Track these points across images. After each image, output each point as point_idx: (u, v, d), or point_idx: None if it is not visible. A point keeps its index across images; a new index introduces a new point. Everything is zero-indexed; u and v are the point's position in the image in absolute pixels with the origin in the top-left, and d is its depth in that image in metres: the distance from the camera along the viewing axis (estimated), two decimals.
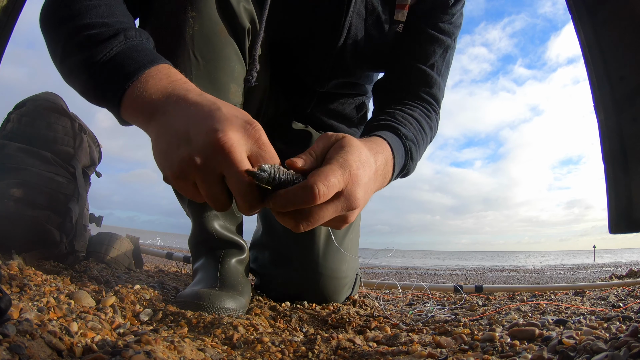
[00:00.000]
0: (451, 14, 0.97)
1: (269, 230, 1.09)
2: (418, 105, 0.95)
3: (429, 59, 0.97)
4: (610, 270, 5.58)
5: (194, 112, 0.50)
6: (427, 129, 0.93)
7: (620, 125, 0.60)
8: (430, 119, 0.95)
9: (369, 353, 0.63)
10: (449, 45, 0.99)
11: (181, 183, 0.50)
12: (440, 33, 0.97)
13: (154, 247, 2.22)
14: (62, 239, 1.21)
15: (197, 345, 0.61)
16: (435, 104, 0.99)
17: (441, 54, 0.98)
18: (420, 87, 0.98)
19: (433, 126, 0.97)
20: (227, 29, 0.80)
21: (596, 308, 1.08)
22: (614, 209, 0.60)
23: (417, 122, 0.90)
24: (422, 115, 0.93)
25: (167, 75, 0.56)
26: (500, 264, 12.02)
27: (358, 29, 0.97)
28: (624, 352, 0.49)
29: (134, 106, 0.55)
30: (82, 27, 0.60)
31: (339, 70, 1.05)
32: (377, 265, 5.08)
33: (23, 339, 0.45)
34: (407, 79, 0.98)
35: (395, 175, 0.76)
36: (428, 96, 0.98)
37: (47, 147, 1.26)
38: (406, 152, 0.80)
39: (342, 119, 1.19)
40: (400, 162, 0.77)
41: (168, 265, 2.12)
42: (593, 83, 0.63)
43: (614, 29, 0.61)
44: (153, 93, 0.54)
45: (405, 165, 0.80)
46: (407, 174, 0.86)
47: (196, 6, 0.76)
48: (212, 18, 0.78)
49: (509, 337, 0.69)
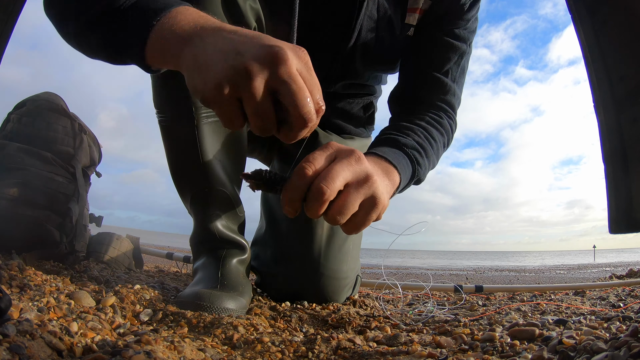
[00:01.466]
0: (466, 19, 0.96)
1: (273, 229, 1.09)
2: (428, 114, 0.95)
3: (443, 66, 0.96)
4: (610, 270, 5.59)
5: (238, 36, 0.48)
6: (437, 134, 0.92)
7: (620, 125, 0.60)
8: (440, 125, 0.95)
9: (369, 353, 0.63)
10: (464, 51, 0.97)
11: (225, 98, 0.46)
12: (455, 39, 0.95)
13: (154, 247, 2.23)
14: (62, 239, 1.21)
15: (197, 345, 0.61)
16: (450, 110, 0.98)
17: (456, 61, 0.97)
18: (434, 95, 0.97)
19: (444, 131, 0.96)
20: None
21: (596, 308, 1.08)
22: (614, 209, 0.60)
23: (423, 129, 0.90)
24: (430, 122, 0.93)
25: (197, 12, 0.54)
26: (500, 264, 12.02)
27: (369, 31, 0.96)
28: (624, 352, 0.49)
29: (162, 41, 0.53)
30: None
31: (347, 71, 1.04)
32: (377, 265, 5.09)
33: (23, 339, 0.45)
34: (421, 87, 0.97)
35: (405, 182, 0.77)
36: (443, 103, 0.97)
37: (47, 147, 1.26)
38: (410, 159, 0.80)
39: (349, 118, 1.19)
40: (407, 170, 0.77)
41: (168, 265, 2.12)
42: (593, 83, 0.63)
43: (614, 29, 0.61)
44: (185, 25, 0.52)
45: (414, 172, 0.81)
46: (419, 181, 0.86)
47: (202, 5, 0.76)
48: (218, 17, 0.78)
49: (509, 337, 0.69)
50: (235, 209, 0.98)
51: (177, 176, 0.94)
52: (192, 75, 0.49)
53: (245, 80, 0.45)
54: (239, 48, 0.47)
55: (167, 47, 0.53)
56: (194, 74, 0.49)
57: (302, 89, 0.46)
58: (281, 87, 0.46)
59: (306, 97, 0.47)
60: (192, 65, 0.49)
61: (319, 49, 1.00)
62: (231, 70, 0.45)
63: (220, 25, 0.51)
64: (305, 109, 0.46)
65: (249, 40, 0.48)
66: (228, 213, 0.97)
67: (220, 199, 0.93)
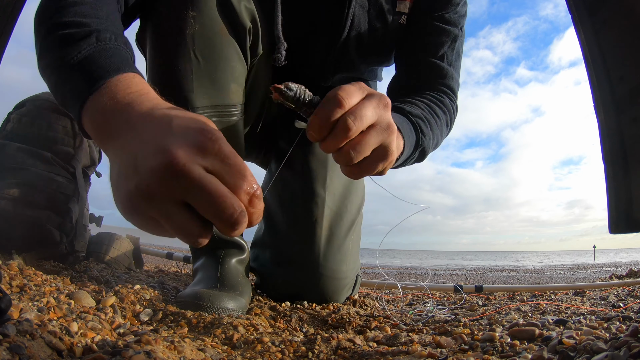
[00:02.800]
0: (455, 3, 0.97)
1: (271, 230, 1.09)
2: (430, 93, 0.94)
3: (438, 51, 0.96)
4: (610, 270, 5.58)
5: (142, 131, 0.42)
6: (440, 111, 0.91)
7: (620, 125, 0.60)
8: (442, 103, 0.94)
9: (369, 353, 0.63)
10: (457, 34, 0.98)
11: (140, 220, 0.41)
12: (446, 24, 0.96)
13: (154, 247, 2.22)
14: (62, 239, 1.21)
15: (197, 345, 0.61)
16: (450, 93, 0.98)
17: (450, 45, 0.97)
18: (433, 80, 0.97)
19: (446, 110, 0.94)
20: (228, 28, 0.80)
21: (596, 308, 1.08)
22: (614, 209, 0.60)
23: (426, 105, 0.89)
24: (432, 100, 0.92)
25: (127, 87, 0.49)
26: (500, 264, 12.02)
27: (361, 21, 0.97)
28: (624, 352, 0.49)
29: (89, 126, 0.49)
30: (59, 25, 0.57)
31: (343, 64, 1.05)
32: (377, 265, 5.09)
33: (23, 339, 0.45)
34: (419, 74, 0.98)
35: (409, 152, 0.74)
36: (443, 87, 0.97)
37: (47, 147, 1.26)
38: (415, 127, 0.78)
39: None
40: (411, 137, 0.75)
41: (168, 265, 2.12)
42: (593, 83, 0.63)
43: (614, 29, 0.61)
44: (108, 110, 0.47)
45: (418, 141, 0.78)
46: (423, 154, 0.83)
47: (197, 6, 0.76)
48: (212, 18, 0.78)
49: (509, 337, 0.69)
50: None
51: None
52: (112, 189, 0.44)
53: (147, 205, 0.39)
54: (137, 158, 0.40)
55: (93, 135, 0.50)
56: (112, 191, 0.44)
57: (215, 193, 0.37)
58: (188, 198, 0.38)
59: (224, 200, 0.38)
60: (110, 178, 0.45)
61: (313, 42, 1.00)
62: (133, 198, 0.39)
63: (137, 109, 0.45)
64: (227, 214, 0.37)
65: (151, 140, 0.40)
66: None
67: None
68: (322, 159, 1.09)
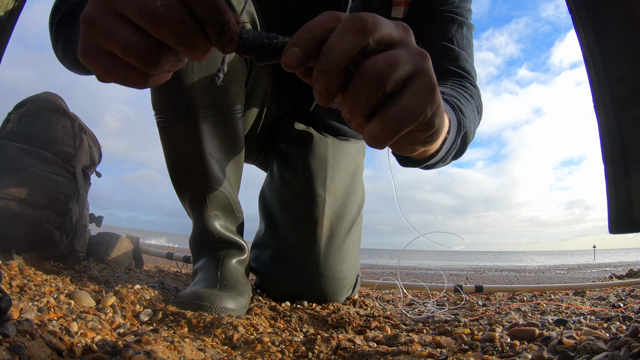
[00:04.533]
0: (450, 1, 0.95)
1: (271, 230, 1.09)
2: (448, 80, 0.87)
3: (444, 34, 0.91)
4: (610, 270, 5.58)
5: None
6: (466, 94, 0.81)
7: (620, 125, 0.60)
8: (465, 87, 0.85)
9: (369, 353, 0.63)
10: (462, 21, 0.94)
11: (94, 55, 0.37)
12: (448, 14, 0.93)
13: (154, 247, 2.22)
14: (62, 239, 1.21)
15: (197, 345, 0.61)
16: (468, 76, 0.90)
17: (456, 29, 0.92)
18: (443, 62, 0.89)
19: (472, 94, 0.83)
20: None
21: (596, 308, 1.08)
22: (614, 209, 0.60)
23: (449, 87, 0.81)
24: (453, 87, 0.82)
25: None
26: (500, 264, 12.02)
27: None
28: (624, 352, 0.49)
29: None
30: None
31: None
32: (377, 265, 5.09)
33: (23, 339, 0.45)
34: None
35: (454, 134, 0.61)
36: (458, 69, 0.89)
37: (47, 147, 1.26)
38: (452, 106, 0.66)
39: (343, 119, 1.19)
40: (452, 117, 0.62)
41: (168, 265, 2.12)
42: (593, 83, 0.63)
43: (614, 29, 0.61)
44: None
45: (459, 123, 0.66)
46: (465, 140, 0.72)
47: None
48: None
49: (509, 337, 0.69)
50: (233, 210, 0.98)
51: (176, 176, 0.94)
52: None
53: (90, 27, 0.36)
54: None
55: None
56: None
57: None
58: (120, 7, 0.35)
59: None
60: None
61: None
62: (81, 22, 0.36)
63: None
64: (149, 9, 0.33)
65: None
66: (226, 213, 0.97)
67: (218, 199, 0.94)
68: (322, 159, 1.09)
